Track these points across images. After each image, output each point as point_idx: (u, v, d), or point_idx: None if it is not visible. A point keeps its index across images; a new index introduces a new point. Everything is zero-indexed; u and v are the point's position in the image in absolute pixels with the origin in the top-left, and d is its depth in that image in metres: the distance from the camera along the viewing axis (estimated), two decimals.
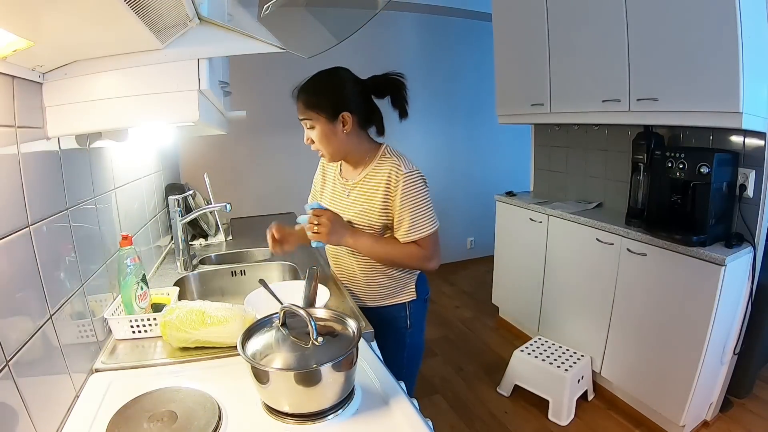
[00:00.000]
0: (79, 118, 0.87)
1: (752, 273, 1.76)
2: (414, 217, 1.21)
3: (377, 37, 3.47)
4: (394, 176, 1.20)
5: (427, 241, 1.23)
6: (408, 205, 1.20)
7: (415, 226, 1.21)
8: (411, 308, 1.35)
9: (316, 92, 1.20)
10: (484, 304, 3.21)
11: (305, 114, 1.20)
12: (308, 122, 1.21)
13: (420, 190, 1.21)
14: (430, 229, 1.23)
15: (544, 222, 2.49)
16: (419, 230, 1.21)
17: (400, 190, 1.19)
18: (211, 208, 1.69)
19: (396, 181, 1.20)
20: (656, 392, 1.90)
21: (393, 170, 1.20)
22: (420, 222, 1.21)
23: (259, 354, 0.80)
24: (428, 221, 1.22)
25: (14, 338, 0.69)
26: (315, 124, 1.20)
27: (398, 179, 1.19)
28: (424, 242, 1.23)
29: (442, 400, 2.21)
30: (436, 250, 1.26)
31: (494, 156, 4.13)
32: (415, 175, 1.21)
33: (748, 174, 1.76)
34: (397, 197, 1.20)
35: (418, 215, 1.21)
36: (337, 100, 1.19)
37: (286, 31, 0.96)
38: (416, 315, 1.36)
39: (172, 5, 0.72)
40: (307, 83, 1.21)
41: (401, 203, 1.20)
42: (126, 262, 1.09)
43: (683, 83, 1.72)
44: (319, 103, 1.18)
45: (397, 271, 1.32)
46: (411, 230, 1.22)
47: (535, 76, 2.50)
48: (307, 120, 1.20)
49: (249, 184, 3.29)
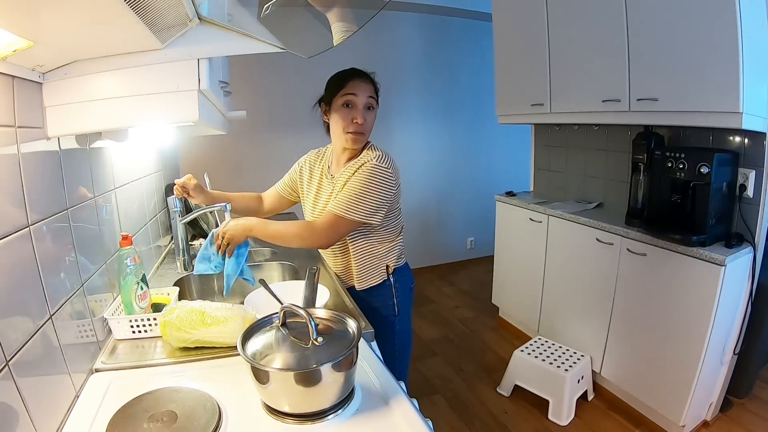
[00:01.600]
0: (79, 118, 0.87)
1: (752, 273, 1.76)
2: (352, 194, 1.22)
3: (377, 37, 3.47)
4: (368, 164, 1.25)
5: (333, 220, 1.22)
6: (356, 183, 1.23)
7: (344, 202, 1.22)
8: (398, 296, 1.39)
9: (376, 84, 1.32)
10: (484, 304, 3.21)
11: (374, 95, 1.30)
12: (373, 103, 1.29)
13: (377, 179, 1.23)
14: (355, 215, 1.21)
15: (544, 222, 2.49)
16: (345, 208, 1.21)
17: (362, 170, 1.24)
18: (211, 208, 1.68)
19: (364, 165, 1.25)
20: (656, 392, 1.90)
21: (369, 158, 1.26)
22: (354, 202, 1.21)
23: (259, 354, 0.80)
24: (359, 208, 1.22)
25: (14, 338, 0.69)
26: (376, 108, 1.31)
27: (366, 164, 1.25)
28: (331, 219, 1.22)
29: (442, 400, 2.21)
30: (333, 233, 1.24)
31: (494, 156, 4.13)
32: (381, 169, 1.24)
33: (748, 174, 1.76)
34: (355, 175, 1.25)
35: (358, 196, 1.22)
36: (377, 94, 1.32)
37: (286, 31, 0.96)
38: (403, 302, 1.42)
39: (172, 5, 0.72)
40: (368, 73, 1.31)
41: (354, 179, 1.24)
42: (126, 262, 1.09)
43: (683, 83, 1.72)
44: (378, 92, 1.32)
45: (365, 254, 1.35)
46: (339, 203, 1.22)
47: (535, 76, 2.49)
48: (374, 101, 1.30)
49: (249, 184, 3.27)
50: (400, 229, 1.40)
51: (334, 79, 1.30)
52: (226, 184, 3.09)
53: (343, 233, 1.26)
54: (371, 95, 1.28)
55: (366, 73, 1.30)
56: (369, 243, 1.34)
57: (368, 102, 1.27)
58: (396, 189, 1.29)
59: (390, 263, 1.38)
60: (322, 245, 1.29)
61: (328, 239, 1.24)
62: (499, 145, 4.10)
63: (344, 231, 1.25)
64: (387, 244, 1.36)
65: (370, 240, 1.34)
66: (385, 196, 1.24)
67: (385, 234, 1.35)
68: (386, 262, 1.37)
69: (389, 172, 1.24)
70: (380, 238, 1.35)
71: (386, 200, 1.25)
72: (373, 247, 1.34)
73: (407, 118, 3.78)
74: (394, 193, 1.28)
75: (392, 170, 1.26)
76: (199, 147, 2.99)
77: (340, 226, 1.23)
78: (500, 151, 4.12)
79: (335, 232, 1.23)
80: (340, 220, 1.22)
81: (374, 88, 1.30)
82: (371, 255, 1.35)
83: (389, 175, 1.24)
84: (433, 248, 4.08)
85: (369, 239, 1.34)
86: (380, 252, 1.35)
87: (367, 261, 1.35)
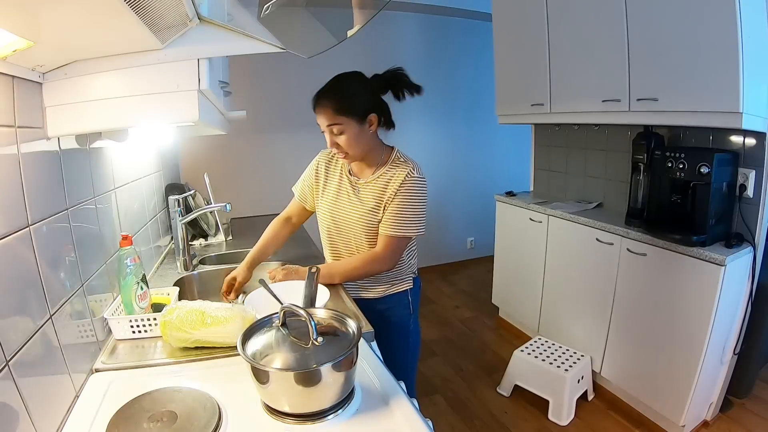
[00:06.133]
0: (79, 118, 0.87)
1: (752, 273, 1.76)
2: (403, 213, 1.24)
3: (377, 37, 3.47)
4: (408, 178, 1.25)
5: (395, 242, 1.26)
6: (403, 201, 1.24)
7: (398, 222, 1.24)
8: (412, 295, 1.41)
9: (344, 96, 1.19)
10: (484, 304, 3.21)
11: (335, 120, 1.18)
12: (338, 128, 1.19)
13: (420, 193, 1.26)
14: (410, 232, 1.26)
15: (544, 222, 2.49)
16: (401, 227, 1.24)
17: (405, 187, 1.24)
18: (211, 208, 1.69)
19: (404, 181, 1.25)
20: (656, 392, 1.90)
21: (408, 173, 1.25)
22: (406, 220, 1.24)
23: (259, 354, 0.80)
24: (412, 223, 1.26)
25: (14, 338, 0.69)
26: (345, 128, 1.19)
27: (407, 180, 1.24)
28: (392, 242, 1.26)
29: (442, 400, 2.21)
30: (396, 254, 1.28)
31: (494, 156, 4.13)
32: (422, 181, 1.27)
33: (748, 174, 1.76)
34: (399, 192, 1.25)
35: (407, 213, 1.24)
36: (364, 103, 1.21)
37: (286, 31, 0.96)
38: (415, 300, 1.43)
39: (172, 5, 0.72)
40: (331, 89, 1.20)
41: (399, 197, 1.25)
42: (126, 262, 1.09)
43: (683, 83, 1.72)
44: (349, 107, 1.19)
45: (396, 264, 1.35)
46: (394, 224, 1.25)
47: (535, 76, 2.49)
48: (337, 125, 1.19)
49: (249, 184, 3.29)
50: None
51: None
52: (226, 184, 3.11)
53: (402, 251, 1.30)
54: (331, 122, 1.19)
55: (327, 93, 1.20)
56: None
57: (332, 128, 1.20)
58: None
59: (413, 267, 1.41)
60: (389, 268, 1.31)
61: (393, 261, 1.29)
62: (499, 145, 4.10)
63: (403, 248, 1.30)
64: (413, 250, 1.40)
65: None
66: (426, 206, 1.28)
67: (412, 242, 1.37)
68: (412, 268, 1.40)
69: (424, 181, 1.27)
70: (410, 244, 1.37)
71: (426, 208, 1.29)
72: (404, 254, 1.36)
73: (407, 118, 3.77)
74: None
75: (424, 177, 1.28)
76: (199, 147, 2.99)
77: (400, 246, 1.28)
78: (500, 151, 4.12)
79: (397, 253, 1.28)
80: (400, 241, 1.26)
81: (336, 107, 1.18)
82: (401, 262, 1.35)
83: (424, 183, 1.28)
84: (433, 248, 4.07)
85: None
86: (407, 258, 1.38)
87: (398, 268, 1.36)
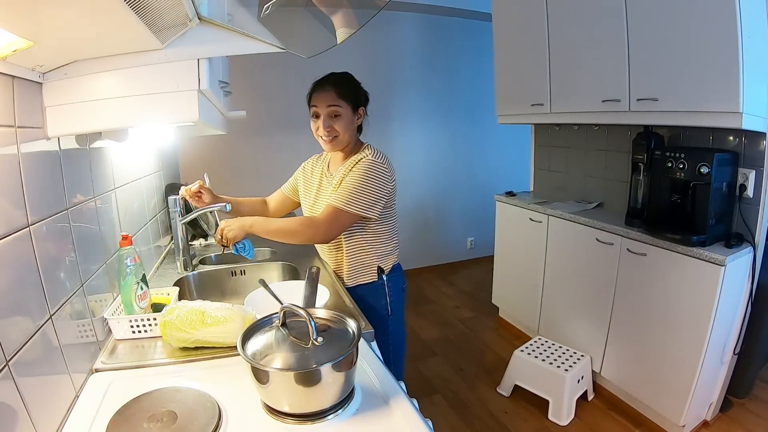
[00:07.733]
0: (79, 118, 0.87)
1: (752, 273, 1.76)
2: (351, 188, 1.27)
3: (377, 37, 3.47)
4: (364, 159, 1.30)
5: (335, 213, 1.26)
6: (354, 177, 1.28)
7: (344, 195, 1.26)
8: (391, 296, 1.42)
9: (345, 85, 1.33)
10: (484, 304, 3.21)
11: (336, 102, 1.30)
12: (337, 109, 1.30)
13: (374, 174, 1.29)
14: (355, 208, 1.27)
15: (544, 222, 2.49)
16: (346, 202, 1.26)
17: (359, 165, 1.30)
18: (211, 208, 1.68)
19: (360, 161, 1.30)
20: (656, 392, 1.90)
21: (366, 155, 1.31)
22: (353, 196, 1.26)
23: (259, 354, 0.80)
24: (359, 201, 1.27)
25: (14, 338, 0.69)
26: (342, 112, 1.31)
27: (363, 160, 1.30)
28: (333, 212, 1.27)
29: (442, 400, 2.21)
30: (334, 227, 1.28)
31: (494, 156, 4.13)
32: (378, 164, 1.30)
33: (748, 174, 1.76)
34: (353, 170, 1.30)
35: (357, 190, 1.27)
36: (358, 96, 1.35)
37: (286, 31, 0.96)
38: (396, 303, 1.44)
39: (172, 5, 0.72)
40: (332, 77, 1.33)
41: (351, 174, 1.30)
42: (126, 262, 1.09)
43: (683, 83, 1.72)
44: (349, 94, 1.32)
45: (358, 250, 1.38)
46: (340, 197, 1.27)
47: (535, 76, 2.49)
48: (337, 107, 1.30)
49: (249, 184, 3.29)
50: (395, 230, 1.43)
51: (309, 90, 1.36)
52: (226, 184, 3.11)
53: (344, 227, 1.29)
54: (332, 103, 1.30)
55: (329, 79, 1.32)
56: (364, 240, 1.37)
57: (331, 110, 1.30)
58: (392, 184, 1.34)
59: (382, 264, 1.40)
60: (323, 239, 1.31)
61: (329, 233, 1.28)
62: (499, 145, 4.10)
63: (344, 224, 1.29)
64: (381, 244, 1.39)
65: (365, 237, 1.37)
66: (382, 190, 1.30)
67: (379, 232, 1.38)
68: (378, 263, 1.40)
69: (385, 167, 1.31)
70: (375, 237, 1.38)
71: (383, 194, 1.31)
72: (367, 244, 1.38)
73: (407, 118, 3.78)
74: (390, 188, 1.33)
75: (387, 166, 1.32)
76: (199, 147, 2.99)
77: (340, 219, 1.27)
78: (500, 151, 4.12)
79: (336, 226, 1.27)
80: (341, 213, 1.26)
81: (338, 92, 1.30)
82: (364, 252, 1.38)
83: (385, 169, 1.31)
84: (433, 248, 4.08)
85: (364, 236, 1.37)
86: (373, 250, 1.38)
87: (359, 258, 1.38)
